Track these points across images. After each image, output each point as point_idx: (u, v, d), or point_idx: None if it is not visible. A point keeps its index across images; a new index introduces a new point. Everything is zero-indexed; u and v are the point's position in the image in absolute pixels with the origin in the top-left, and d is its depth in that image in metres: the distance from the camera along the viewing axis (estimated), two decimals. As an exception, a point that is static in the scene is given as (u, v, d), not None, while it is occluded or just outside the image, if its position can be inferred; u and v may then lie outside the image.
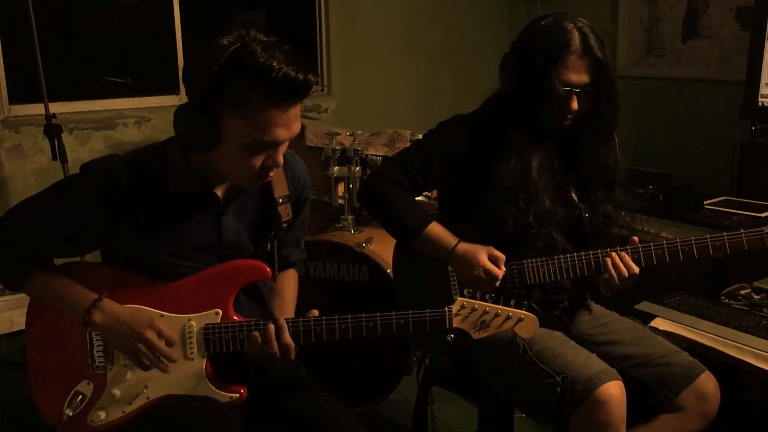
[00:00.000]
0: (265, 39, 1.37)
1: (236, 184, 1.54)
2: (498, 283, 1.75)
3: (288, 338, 1.49)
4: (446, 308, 1.51)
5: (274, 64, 1.33)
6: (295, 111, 1.40)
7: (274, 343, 1.49)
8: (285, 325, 1.50)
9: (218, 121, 1.38)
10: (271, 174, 1.48)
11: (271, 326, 1.49)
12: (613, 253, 1.75)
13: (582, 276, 1.79)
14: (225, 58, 1.34)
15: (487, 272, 1.73)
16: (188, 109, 1.41)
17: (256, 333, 1.49)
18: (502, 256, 1.75)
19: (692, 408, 1.76)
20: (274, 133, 1.39)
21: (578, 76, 1.71)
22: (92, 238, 1.55)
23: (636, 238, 1.79)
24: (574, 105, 1.72)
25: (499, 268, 1.74)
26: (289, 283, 1.77)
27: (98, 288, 1.53)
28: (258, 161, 1.43)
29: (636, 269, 1.74)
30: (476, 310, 1.50)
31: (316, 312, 1.54)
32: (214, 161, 1.46)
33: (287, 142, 1.46)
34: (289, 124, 1.40)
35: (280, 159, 1.45)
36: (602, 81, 1.73)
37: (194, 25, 4.28)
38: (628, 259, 1.75)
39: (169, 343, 1.49)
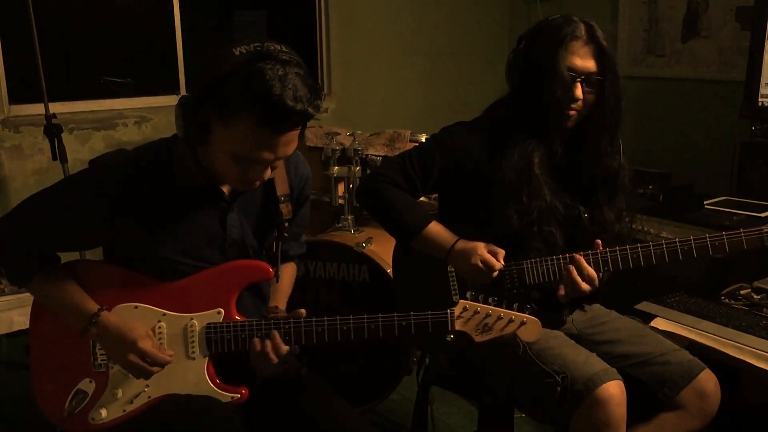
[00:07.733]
0: (281, 57, 1.33)
1: (224, 182, 1.53)
2: (495, 274, 1.74)
3: (281, 344, 1.50)
4: (449, 311, 1.51)
5: (276, 88, 1.30)
6: (287, 137, 1.38)
7: (272, 353, 1.50)
8: (277, 334, 1.50)
9: (208, 125, 1.38)
10: (258, 183, 1.47)
11: (275, 333, 1.50)
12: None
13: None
14: (230, 67, 1.32)
15: (485, 261, 1.73)
16: (184, 104, 1.40)
17: (257, 340, 1.50)
18: (501, 250, 1.75)
19: (692, 406, 1.76)
20: (258, 154, 1.37)
21: (583, 61, 1.71)
22: (99, 233, 1.54)
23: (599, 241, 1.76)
24: (579, 92, 1.72)
25: (498, 261, 1.74)
26: (284, 273, 1.77)
27: (101, 287, 1.53)
28: (244, 171, 1.42)
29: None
30: (479, 312, 1.50)
31: (303, 312, 1.54)
32: (208, 155, 1.46)
33: (280, 161, 1.45)
34: (276, 148, 1.38)
35: (267, 174, 1.44)
36: (607, 71, 1.73)
37: (194, 25, 4.28)
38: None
39: (157, 364, 1.49)
